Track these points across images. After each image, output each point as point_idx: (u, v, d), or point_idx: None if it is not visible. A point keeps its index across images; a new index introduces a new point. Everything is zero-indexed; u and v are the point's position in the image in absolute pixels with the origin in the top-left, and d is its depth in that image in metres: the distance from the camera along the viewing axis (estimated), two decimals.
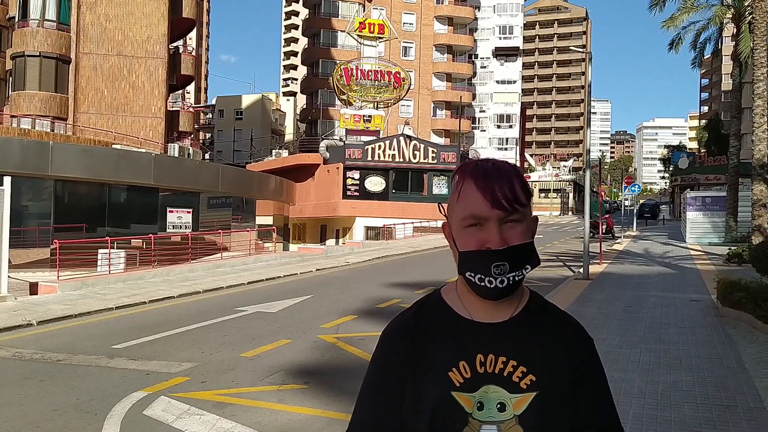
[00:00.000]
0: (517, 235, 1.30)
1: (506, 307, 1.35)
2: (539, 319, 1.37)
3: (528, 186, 1.33)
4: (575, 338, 1.37)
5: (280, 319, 11.89)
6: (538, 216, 1.40)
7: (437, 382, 1.31)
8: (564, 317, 1.41)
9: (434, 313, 1.39)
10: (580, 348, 1.36)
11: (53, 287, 15.18)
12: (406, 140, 42.54)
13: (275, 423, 6.16)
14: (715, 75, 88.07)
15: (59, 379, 7.77)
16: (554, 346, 1.33)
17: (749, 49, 24.99)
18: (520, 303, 1.37)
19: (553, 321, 1.38)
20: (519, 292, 1.37)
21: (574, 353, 1.34)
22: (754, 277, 12.28)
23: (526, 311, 1.37)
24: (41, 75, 32.05)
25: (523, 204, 1.30)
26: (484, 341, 1.32)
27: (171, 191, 26.72)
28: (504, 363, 1.30)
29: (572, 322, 1.41)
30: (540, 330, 1.35)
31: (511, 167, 1.34)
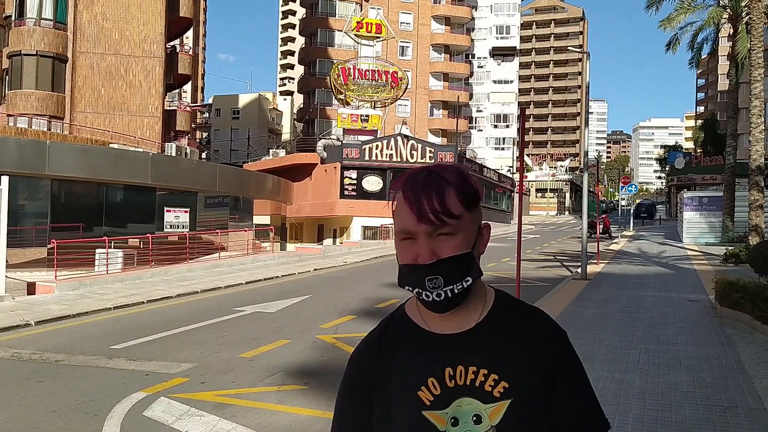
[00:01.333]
0: (450, 248, 1.24)
1: (469, 315, 1.30)
2: (506, 321, 1.31)
3: (472, 193, 1.28)
4: (544, 334, 1.31)
5: (279, 319, 11.88)
6: (489, 223, 1.35)
7: (407, 404, 1.26)
8: (532, 314, 1.35)
9: (400, 331, 1.35)
10: (551, 343, 1.31)
11: (51, 287, 15.15)
12: (403, 140, 42.53)
13: (276, 424, 6.15)
14: (712, 75, 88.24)
15: (58, 379, 7.75)
16: (524, 347, 1.29)
17: (746, 49, 25.05)
18: (485, 307, 1.33)
19: (521, 320, 1.32)
20: (480, 296, 1.33)
21: (545, 351, 1.29)
22: (752, 277, 12.30)
23: (492, 315, 1.32)
24: (38, 74, 31.94)
25: (454, 216, 1.24)
26: (451, 354, 1.28)
27: (168, 191, 26.66)
28: (474, 373, 1.26)
29: (541, 317, 1.35)
30: (508, 333, 1.30)
31: (451, 174, 1.28)
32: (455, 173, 1.29)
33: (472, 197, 1.28)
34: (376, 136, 43.87)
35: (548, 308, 12.20)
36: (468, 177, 1.30)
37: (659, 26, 29.17)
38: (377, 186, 42.22)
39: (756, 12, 22.85)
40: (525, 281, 16.02)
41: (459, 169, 1.31)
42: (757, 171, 22.68)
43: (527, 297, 13.21)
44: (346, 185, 42.04)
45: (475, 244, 1.28)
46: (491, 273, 19.80)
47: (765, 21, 25.13)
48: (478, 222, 1.30)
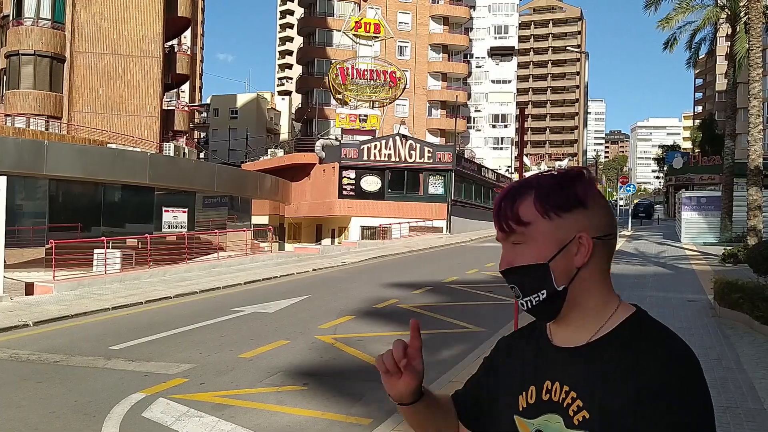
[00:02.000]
0: (521, 257, 1.19)
1: (582, 332, 1.19)
2: (619, 347, 1.14)
3: (554, 200, 1.17)
4: (650, 365, 1.09)
5: (278, 319, 11.87)
6: (585, 235, 1.17)
7: (508, 402, 1.27)
8: (650, 341, 1.12)
9: (532, 334, 1.32)
10: (653, 377, 1.07)
11: (49, 287, 15.12)
12: (401, 140, 42.50)
13: (275, 425, 6.14)
14: (710, 75, 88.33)
15: (57, 380, 7.73)
16: (620, 378, 1.10)
17: (745, 49, 25.06)
18: (604, 328, 1.17)
19: (635, 347, 1.12)
20: (600, 314, 1.19)
21: (642, 386, 1.08)
22: (750, 277, 12.31)
23: (607, 338, 1.16)
24: (36, 74, 31.90)
25: (522, 222, 1.18)
26: (554, 367, 1.21)
27: (166, 191, 26.63)
28: (566, 393, 1.17)
29: (657, 343, 1.12)
30: (611, 360, 1.13)
31: (539, 180, 1.21)
32: (546, 178, 1.20)
33: (555, 204, 1.17)
34: (375, 136, 43.84)
35: None
36: (566, 183, 1.18)
37: (657, 26, 29.17)
38: (376, 186, 42.20)
39: (754, 12, 22.86)
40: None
41: (566, 174, 1.20)
42: (756, 171, 22.69)
43: None
44: (345, 185, 42.01)
45: (556, 255, 1.17)
46: (490, 273, 19.81)
47: (763, 21, 25.14)
48: (566, 232, 1.17)
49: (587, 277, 1.18)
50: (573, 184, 1.18)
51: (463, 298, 14.63)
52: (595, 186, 1.19)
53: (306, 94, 65.80)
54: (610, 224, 1.20)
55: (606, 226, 1.19)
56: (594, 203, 1.18)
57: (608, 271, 1.22)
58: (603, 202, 1.20)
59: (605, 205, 1.21)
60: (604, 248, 1.19)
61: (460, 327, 11.08)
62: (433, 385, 7.13)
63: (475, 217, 47.38)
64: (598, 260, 1.18)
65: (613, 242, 1.21)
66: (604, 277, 1.20)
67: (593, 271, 1.18)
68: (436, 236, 38.55)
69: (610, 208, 1.22)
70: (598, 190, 1.20)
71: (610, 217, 1.20)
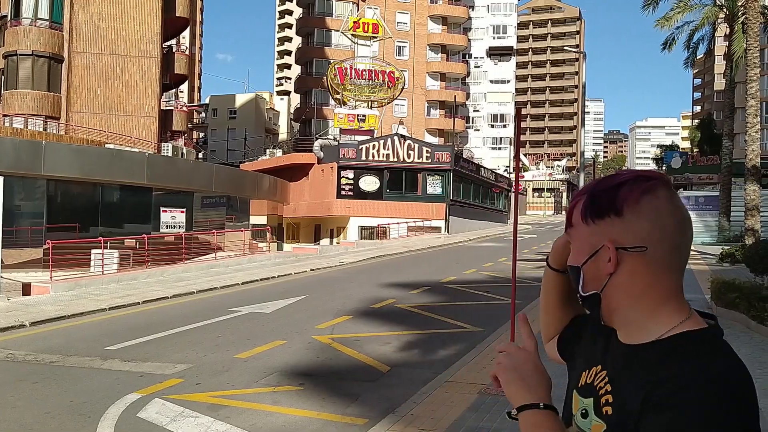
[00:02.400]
0: (571, 256, 1.25)
1: (636, 334, 1.16)
2: (658, 358, 1.09)
3: (597, 204, 1.16)
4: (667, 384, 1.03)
5: (275, 319, 11.86)
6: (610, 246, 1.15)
7: (576, 374, 1.29)
8: (685, 363, 1.05)
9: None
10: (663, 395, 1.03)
11: (46, 288, 15.11)
12: (400, 140, 42.51)
13: (270, 425, 6.14)
14: (708, 75, 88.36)
15: (52, 381, 7.72)
16: (645, 391, 1.06)
17: (743, 49, 25.08)
18: (654, 334, 1.13)
19: (669, 364, 1.06)
20: (651, 321, 1.14)
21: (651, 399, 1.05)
22: (747, 277, 12.32)
23: (654, 345, 1.12)
24: (34, 74, 31.88)
25: (571, 224, 1.23)
26: (611, 357, 1.20)
27: (164, 191, 26.62)
28: (605, 383, 1.18)
29: (688, 370, 1.03)
30: (648, 369, 1.09)
31: (597, 183, 1.20)
32: (600, 181, 1.19)
33: (591, 210, 1.17)
34: (373, 136, 43.86)
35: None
36: (610, 188, 1.16)
37: (656, 25, 29.20)
38: (374, 186, 42.21)
39: (752, 11, 22.88)
40: (522, 281, 16.02)
41: (613, 177, 1.18)
42: (753, 170, 22.72)
43: (524, 297, 13.21)
44: (343, 185, 42.02)
45: (588, 260, 1.18)
46: (487, 273, 19.82)
47: (761, 20, 25.17)
48: (598, 238, 1.16)
49: (621, 286, 1.15)
50: (616, 190, 1.15)
51: (461, 297, 14.63)
52: (636, 195, 1.13)
53: (305, 94, 65.81)
54: (645, 237, 1.12)
55: (639, 238, 1.12)
56: (632, 212, 1.13)
57: (664, 285, 1.14)
58: (646, 213, 1.12)
59: (648, 216, 1.12)
60: (646, 260, 1.12)
61: (457, 327, 11.08)
62: (429, 384, 7.13)
63: (473, 216, 47.40)
64: (638, 271, 1.13)
65: (657, 254, 1.12)
66: (648, 290, 1.14)
67: (633, 281, 1.14)
68: (434, 236, 38.55)
69: (656, 220, 1.12)
70: (644, 199, 1.13)
71: (650, 229, 1.12)
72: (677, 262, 1.15)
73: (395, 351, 9.26)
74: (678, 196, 1.16)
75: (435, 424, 5.80)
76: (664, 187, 1.15)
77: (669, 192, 1.15)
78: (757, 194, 22.74)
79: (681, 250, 1.14)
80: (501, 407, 6.24)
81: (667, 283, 1.14)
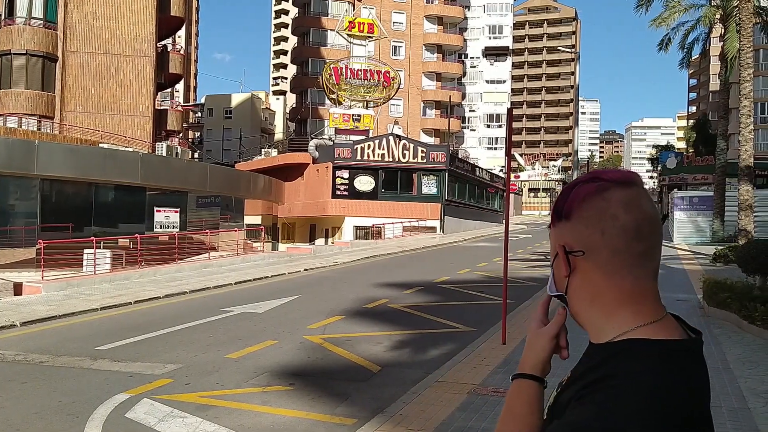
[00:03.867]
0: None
1: (597, 333, 1.12)
2: (600, 359, 1.07)
3: (558, 207, 1.15)
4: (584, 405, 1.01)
5: (267, 319, 11.84)
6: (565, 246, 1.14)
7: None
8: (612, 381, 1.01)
9: None
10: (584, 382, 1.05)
11: (38, 288, 15.05)
12: (395, 140, 42.50)
13: (259, 425, 6.12)
14: (703, 75, 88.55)
15: (42, 381, 7.69)
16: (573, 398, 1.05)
17: (736, 48, 25.14)
18: (609, 334, 1.09)
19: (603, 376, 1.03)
20: (606, 326, 1.10)
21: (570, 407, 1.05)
22: (739, 277, 12.34)
23: (604, 346, 1.09)
24: (28, 73, 31.76)
25: (555, 218, 1.17)
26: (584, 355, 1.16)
27: (159, 190, 26.55)
28: (564, 381, 1.17)
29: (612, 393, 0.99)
30: (592, 372, 1.06)
31: (586, 177, 1.15)
32: (573, 184, 1.16)
33: (554, 211, 1.17)
34: (368, 136, 43.83)
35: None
36: (569, 189, 1.14)
37: (650, 26, 29.26)
38: (369, 186, 42.19)
39: (745, 12, 22.93)
40: (515, 281, 16.03)
41: (580, 180, 1.15)
42: (747, 171, 22.76)
43: (516, 297, 13.22)
44: (338, 185, 41.99)
45: (553, 261, 1.17)
46: (481, 273, 19.83)
47: (755, 21, 25.22)
48: (557, 240, 1.15)
49: (577, 290, 1.13)
50: (568, 192, 1.13)
51: (454, 297, 14.63)
52: (581, 197, 1.10)
53: (300, 93, 65.76)
54: (584, 241, 1.10)
55: (580, 242, 1.10)
56: (576, 215, 1.10)
57: (620, 289, 1.09)
58: (588, 216, 1.09)
59: (589, 219, 1.09)
60: (594, 264, 1.09)
61: (450, 327, 11.07)
62: (419, 384, 7.12)
63: (468, 216, 47.41)
64: (590, 275, 1.10)
65: (601, 258, 1.08)
66: (600, 294, 1.10)
67: (585, 285, 1.12)
68: (429, 236, 38.54)
69: (597, 224, 1.08)
70: (589, 201, 1.09)
71: (589, 233, 1.09)
72: (631, 265, 1.08)
73: (387, 351, 9.25)
74: (644, 197, 1.09)
75: (424, 423, 5.79)
76: (619, 188, 1.09)
77: (626, 193, 1.08)
78: (751, 194, 22.79)
79: (633, 254, 1.07)
80: (490, 407, 6.24)
81: (621, 286, 1.09)
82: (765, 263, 11.88)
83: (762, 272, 12.07)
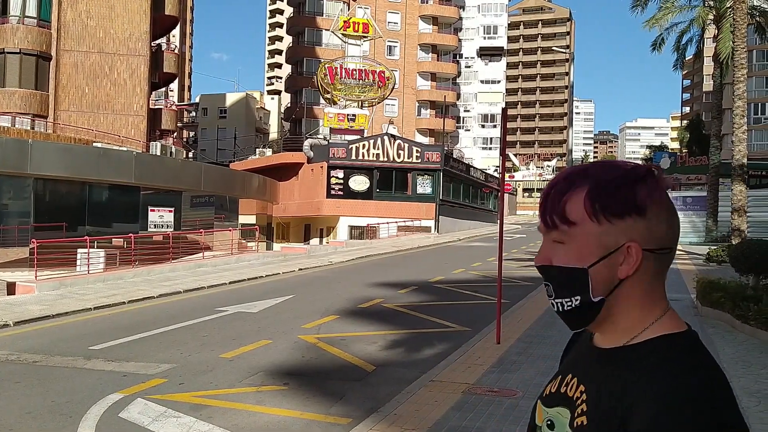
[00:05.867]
0: (559, 257, 1.09)
1: (613, 337, 1.10)
2: (642, 362, 1.03)
3: (607, 203, 1.05)
4: (646, 403, 0.97)
5: (261, 319, 11.81)
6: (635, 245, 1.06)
7: (544, 386, 1.23)
8: (658, 374, 0.99)
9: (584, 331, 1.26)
10: (643, 414, 0.97)
11: (31, 287, 14.99)
12: (390, 139, 42.49)
13: (253, 425, 6.11)
14: (697, 76, 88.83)
15: (35, 380, 7.65)
16: (619, 401, 1.01)
17: (729, 49, 25.22)
18: (635, 338, 1.07)
19: (648, 371, 1.00)
20: (635, 324, 1.08)
21: (632, 417, 0.98)
22: (733, 276, 12.38)
23: (633, 349, 1.06)
24: (21, 72, 31.65)
25: (567, 221, 1.07)
26: (583, 362, 1.15)
27: (153, 190, 26.49)
28: (581, 392, 1.10)
29: (666, 382, 0.97)
30: (628, 375, 1.03)
31: (595, 177, 1.08)
32: (602, 174, 1.08)
33: (607, 207, 1.05)
34: (363, 136, 43.82)
35: (531, 308, 12.23)
36: (627, 183, 1.06)
37: (644, 26, 29.31)
38: (364, 185, 42.17)
39: (739, 12, 22.98)
40: (510, 280, 16.05)
41: (631, 171, 1.07)
42: (740, 171, 22.83)
43: (511, 296, 13.24)
44: (333, 185, 41.95)
45: (598, 262, 1.06)
46: (476, 272, 19.84)
47: (748, 21, 25.30)
48: (614, 238, 1.05)
49: (629, 291, 1.07)
50: (635, 186, 1.05)
51: (448, 297, 14.63)
52: (660, 191, 1.06)
53: (295, 93, 65.70)
54: (669, 237, 1.07)
55: (663, 238, 1.06)
56: (654, 211, 1.05)
57: (658, 286, 1.09)
58: (666, 212, 1.06)
59: (668, 215, 1.06)
60: (656, 262, 1.06)
61: (444, 326, 11.07)
62: (413, 383, 7.12)
63: (463, 216, 47.45)
64: (646, 274, 1.06)
65: (669, 257, 1.08)
66: (648, 292, 1.08)
67: (638, 285, 1.07)
68: (424, 236, 38.55)
69: (673, 219, 1.07)
70: (664, 196, 1.07)
71: (672, 228, 1.07)
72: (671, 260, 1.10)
73: (381, 350, 9.24)
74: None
75: (418, 423, 5.78)
76: (663, 181, 1.09)
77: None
78: (744, 194, 22.86)
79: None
80: (484, 406, 6.24)
81: (663, 283, 1.10)
82: (758, 263, 11.92)
83: (755, 272, 12.11)
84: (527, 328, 10.24)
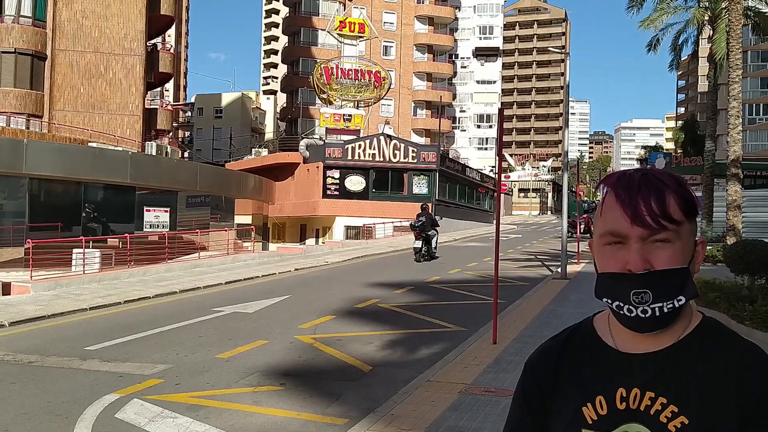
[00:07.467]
0: (665, 259, 1.11)
1: (663, 336, 1.15)
2: (706, 350, 1.13)
3: (691, 201, 1.15)
4: (751, 373, 1.09)
5: (258, 319, 11.80)
6: (704, 239, 1.22)
7: (568, 418, 1.18)
8: (741, 348, 1.13)
9: (582, 342, 1.25)
10: (756, 385, 1.08)
11: (26, 287, 14.95)
12: (386, 140, 42.50)
13: (250, 425, 6.10)
14: (692, 76, 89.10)
15: (30, 381, 7.63)
16: (718, 382, 1.09)
17: (724, 50, 25.27)
18: (685, 331, 1.16)
19: (725, 352, 1.12)
20: (685, 318, 1.17)
21: (745, 392, 1.08)
22: (728, 276, 12.42)
23: (689, 340, 1.15)
24: (16, 71, 31.54)
25: (675, 221, 1.11)
26: (629, 373, 1.15)
27: (148, 190, 26.43)
28: (651, 399, 1.12)
29: (753, 353, 1.12)
30: (702, 362, 1.12)
31: (670, 179, 1.15)
32: (673, 178, 1.16)
33: (692, 206, 1.15)
34: (359, 136, 43.82)
35: (528, 307, 12.25)
36: (686, 184, 1.17)
37: (639, 26, 29.33)
38: (360, 186, 42.17)
39: (734, 13, 23.04)
40: (506, 280, 16.07)
41: (675, 175, 1.19)
42: (735, 171, 22.88)
43: (508, 296, 13.26)
44: (329, 185, 41.95)
45: (691, 259, 1.15)
46: (472, 272, 19.86)
47: (743, 22, 25.37)
48: (694, 237, 1.16)
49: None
50: (689, 188, 1.18)
51: (445, 297, 14.64)
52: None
53: (291, 93, 65.66)
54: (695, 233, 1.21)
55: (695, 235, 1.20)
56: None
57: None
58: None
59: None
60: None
61: (440, 326, 11.08)
62: (410, 384, 7.12)
63: (459, 216, 47.48)
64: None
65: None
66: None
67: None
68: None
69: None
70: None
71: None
72: None
73: (377, 350, 9.25)
74: None
75: (415, 423, 5.79)
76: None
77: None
78: (739, 195, 22.91)
79: None
80: (481, 406, 6.25)
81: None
82: (753, 263, 11.95)
83: (750, 272, 12.15)
84: (524, 328, 10.25)
